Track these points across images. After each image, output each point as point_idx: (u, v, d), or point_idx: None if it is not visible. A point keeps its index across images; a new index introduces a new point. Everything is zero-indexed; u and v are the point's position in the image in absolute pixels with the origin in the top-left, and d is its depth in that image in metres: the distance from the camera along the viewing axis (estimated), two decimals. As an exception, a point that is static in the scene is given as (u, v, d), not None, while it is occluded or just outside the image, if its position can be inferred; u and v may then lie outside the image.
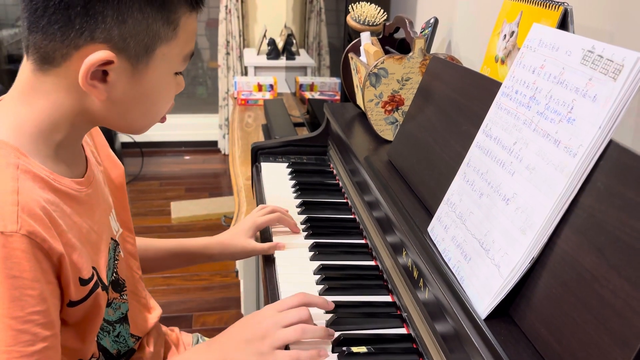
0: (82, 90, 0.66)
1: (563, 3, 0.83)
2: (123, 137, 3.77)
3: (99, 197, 0.78)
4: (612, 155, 0.56)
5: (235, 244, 1.05)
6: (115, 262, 0.82)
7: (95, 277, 0.72)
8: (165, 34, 0.67)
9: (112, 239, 0.81)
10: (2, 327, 0.59)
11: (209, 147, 4.05)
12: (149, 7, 0.64)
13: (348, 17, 1.39)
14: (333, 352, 0.76)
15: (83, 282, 0.69)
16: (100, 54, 0.63)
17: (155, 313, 0.94)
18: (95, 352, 0.76)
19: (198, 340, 1.08)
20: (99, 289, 0.72)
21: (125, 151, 3.73)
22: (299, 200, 1.20)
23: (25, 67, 0.67)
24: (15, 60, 3.50)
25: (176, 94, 0.76)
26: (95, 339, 0.75)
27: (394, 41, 1.39)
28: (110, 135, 3.16)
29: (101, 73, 0.65)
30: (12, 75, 0.73)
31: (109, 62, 0.64)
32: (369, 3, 1.39)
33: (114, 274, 0.81)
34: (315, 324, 0.78)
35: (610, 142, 0.56)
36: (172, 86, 0.73)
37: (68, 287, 0.66)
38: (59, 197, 0.67)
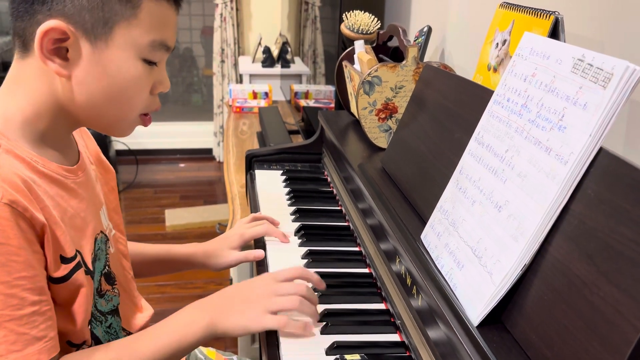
0: (51, 74, 0.69)
1: (554, 12, 0.84)
2: (118, 145, 3.77)
3: (89, 189, 0.80)
4: (602, 163, 0.56)
5: (218, 255, 1.05)
6: (107, 255, 0.83)
7: (79, 259, 0.73)
8: (122, 11, 0.69)
9: (101, 232, 0.82)
10: None
11: (204, 154, 4.05)
12: None
13: (342, 26, 1.40)
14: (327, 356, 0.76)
15: (65, 260, 0.70)
16: (51, 22, 0.66)
17: (146, 313, 0.94)
18: (88, 339, 0.77)
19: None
20: (82, 271, 0.73)
21: (119, 159, 3.73)
22: (293, 208, 1.20)
23: (14, 58, 0.71)
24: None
25: (164, 95, 0.77)
26: (88, 325, 0.77)
27: (388, 49, 1.40)
28: (105, 143, 3.16)
29: (64, 51, 0.68)
30: (6, 83, 0.77)
31: (65, 38, 0.67)
32: (362, 11, 1.40)
33: (107, 267, 0.83)
34: (313, 299, 0.81)
35: (601, 149, 0.56)
36: (141, 74, 0.72)
37: (47, 260, 0.68)
38: (41, 178, 0.69)
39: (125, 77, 0.71)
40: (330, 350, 0.77)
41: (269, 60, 3.32)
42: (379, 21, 1.39)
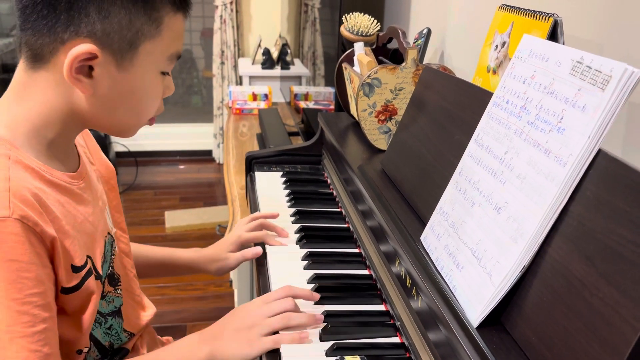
0: (69, 87, 0.69)
1: (553, 14, 0.84)
2: (117, 147, 3.77)
3: (93, 192, 0.80)
4: (601, 164, 0.56)
5: (219, 260, 1.08)
6: (112, 257, 0.84)
7: (89, 265, 0.73)
8: (148, 31, 0.69)
9: (108, 233, 0.83)
10: (2, 308, 0.61)
11: (204, 156, 4.05)
12: (131, 4, 0.67)
13: (342, 28, 1.40)
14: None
15: (75, 269, 0.71)
16: (84, 47, 0.66)
17: (149, 311, 0.95)
18: (87, 343, 0.77)
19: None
20: (92, 277, 0.74)
21: (119, 160, 3.73)
22: (293, 210, 1.20)
23: (20, 67, 0.70)
24: (10, 70, 3.50)
25: (165, 98, 0.78)
26: (90, 330, 0.77)
27: (387, 51, 1.40)
28: (104, 144, 3.16)
29: (87, 68, 0.68)
30: (6, 84, 0.76)
31: (93, 57, 0.67)
32: (362, 14, 1.40)
33: (110, 268, 0.83)
34: (301, 312, 0.82)
35: (599, 151, 0.57)
36: (158, 85, 0.75)
37: (59, 272, 0.68)
38: (50, 187, 0.70)
39: (145, 90, 0.73)
40: (330, 352, 0.77)
41: (268, 62, 3.32)
42: (378, 23, 1.40)
